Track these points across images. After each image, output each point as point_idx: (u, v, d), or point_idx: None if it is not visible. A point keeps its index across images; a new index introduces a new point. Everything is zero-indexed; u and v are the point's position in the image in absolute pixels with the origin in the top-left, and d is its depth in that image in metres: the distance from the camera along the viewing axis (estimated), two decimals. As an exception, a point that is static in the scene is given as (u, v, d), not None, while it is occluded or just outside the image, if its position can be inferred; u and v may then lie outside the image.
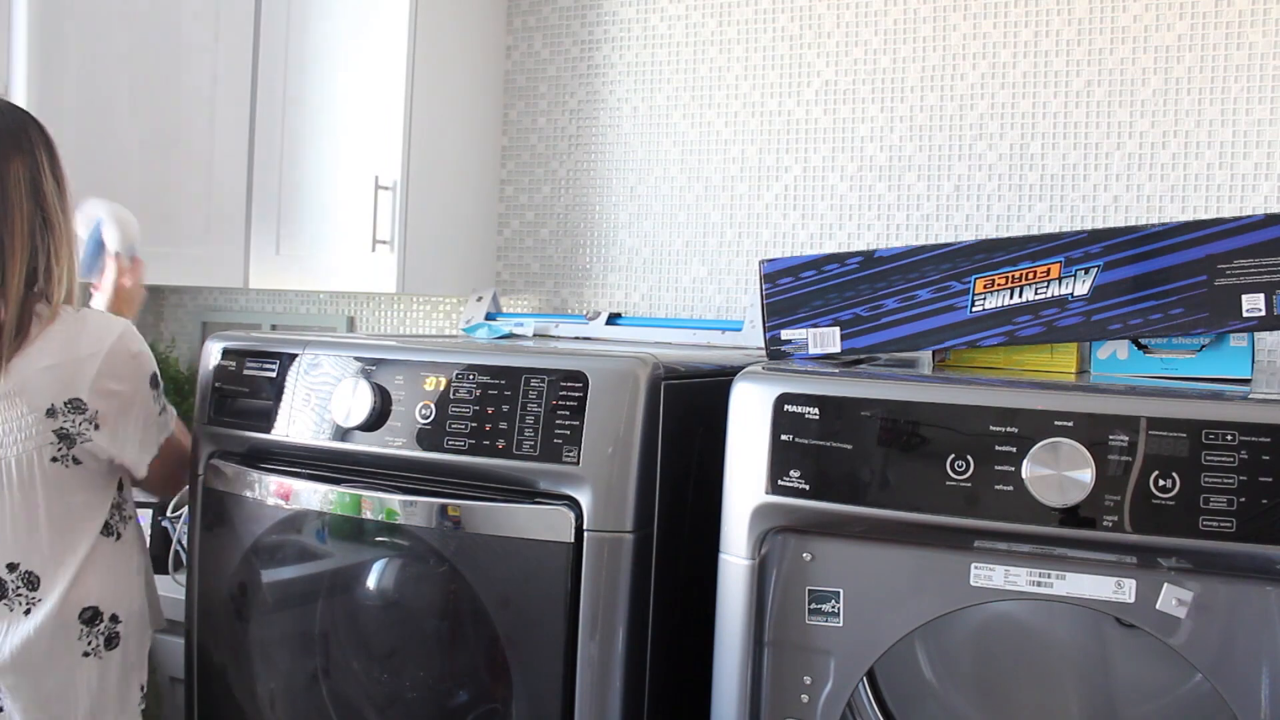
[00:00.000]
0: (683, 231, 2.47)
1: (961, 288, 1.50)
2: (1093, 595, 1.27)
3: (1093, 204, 2.11)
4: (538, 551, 1.53)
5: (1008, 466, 1.27)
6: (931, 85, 2.24)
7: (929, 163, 2.24)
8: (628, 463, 1.51)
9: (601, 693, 1.52)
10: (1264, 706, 1.21)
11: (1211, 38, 2.03)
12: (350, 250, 2.37)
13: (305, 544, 1.75)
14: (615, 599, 1.51)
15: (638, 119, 2.51)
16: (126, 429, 1.71)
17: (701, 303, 2.45)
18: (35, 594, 1.65)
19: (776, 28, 2.37)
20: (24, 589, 1.64)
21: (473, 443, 1.58)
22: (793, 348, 1.58)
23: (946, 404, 1.32)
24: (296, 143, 2.45)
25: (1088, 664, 1.52)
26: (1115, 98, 2.09)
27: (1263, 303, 1.37)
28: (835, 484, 1.35)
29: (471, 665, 1.67)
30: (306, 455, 1.72)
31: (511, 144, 2.65)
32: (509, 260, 2.66)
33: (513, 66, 2.65)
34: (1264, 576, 1.20)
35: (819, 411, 1.37)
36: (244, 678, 1.80)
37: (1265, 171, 1.99)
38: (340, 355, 1.71)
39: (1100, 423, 1.24)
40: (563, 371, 1.54)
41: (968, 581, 1.31)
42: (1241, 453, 1.19)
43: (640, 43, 2.51)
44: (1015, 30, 2.17)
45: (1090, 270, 1.44)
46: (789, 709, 1.41)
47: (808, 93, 2.34)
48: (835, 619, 1.38)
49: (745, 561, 1.41)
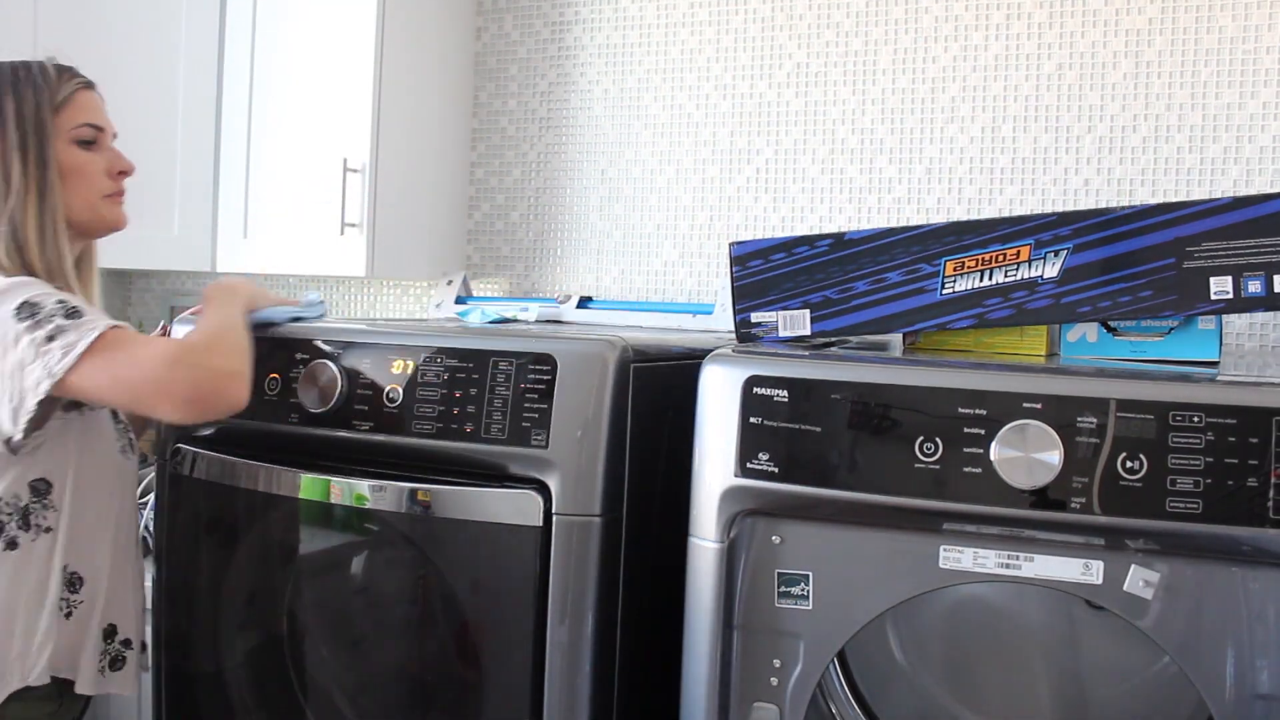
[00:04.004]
0: (654, 215, 2.46)
1: (932, 270, 1.50)
2: (1061, 577, 1.27)
3: (1064, 187, 2.11)
4: (506, 536, 1.53)
5: (976, 449, 1.27)
6: (903, 68, 2.23)
7: (900, 146, 2.24)
8: (596, 446, 1.50)
9: (571, 677, 1.51)
10: (1229, 687, 1.22)
11: (1182, 21, 2.03)
12: (319, 233, 2.35)
13: (273, 530, 1.74)
14: (584, 583, 1.50)
15: (609, 101, 2.50)
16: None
17: (673, 286, 2.44)
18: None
19: (748, 9, 2.36)
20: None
21: (440, 426, 1.57)
22: (763, 330, 1.58)
23: (915, 386, 1.32)
24: (264, 124, 2.43)
25: (1057, 646, 1.52)
26: (1086, 81, 2.09)
27: (1230, 285, 1.38)
28: (804, 467, 1.35)
29: (441, 650, 1.66)
30: (274, 440, 1.71)
31: (482, 126, 2.63)
32: (479, 243, 2.64)
33: (483, 48, 2.63)
34: (1230, 558, 1.21)
35: (788, 394, 1.36)
36: (212, 665, 1.78)
37: (1234, 155, 2.00)
38: (307, 338, 1.70)
39: (1068, 405, 1.24)
40: (531, 354, 1.54)
41: (937, 564, 1.32)
42: (1208, 434, 1.19)
43: (611, 24, 2.49)
44: (987, 13, 2.17)
45: (1060, 253, 1.44)
46: (759, 692, 1.41)
47: (779, 75, 2.34)
48: (804, 602, 1.38)
49: (714, 545, 1.40)
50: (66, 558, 1.55)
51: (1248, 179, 1.99)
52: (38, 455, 1.52)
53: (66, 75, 1.60)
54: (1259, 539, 1.18)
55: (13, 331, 1.42)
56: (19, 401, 1.43)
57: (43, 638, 1.53)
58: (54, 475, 1.54)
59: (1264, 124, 1.98)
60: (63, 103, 1.57)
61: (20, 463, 1.51)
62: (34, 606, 1.53)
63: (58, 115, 1.57)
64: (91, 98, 1.62)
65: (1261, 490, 1.16)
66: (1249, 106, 1.98)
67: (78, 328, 1.42)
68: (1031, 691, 1.55)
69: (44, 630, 1.53)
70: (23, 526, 1.52)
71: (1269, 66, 1.97)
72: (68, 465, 1.55)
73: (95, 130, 1.61)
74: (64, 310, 1.44)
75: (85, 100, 1.61)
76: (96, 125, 1.61)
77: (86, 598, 1.58)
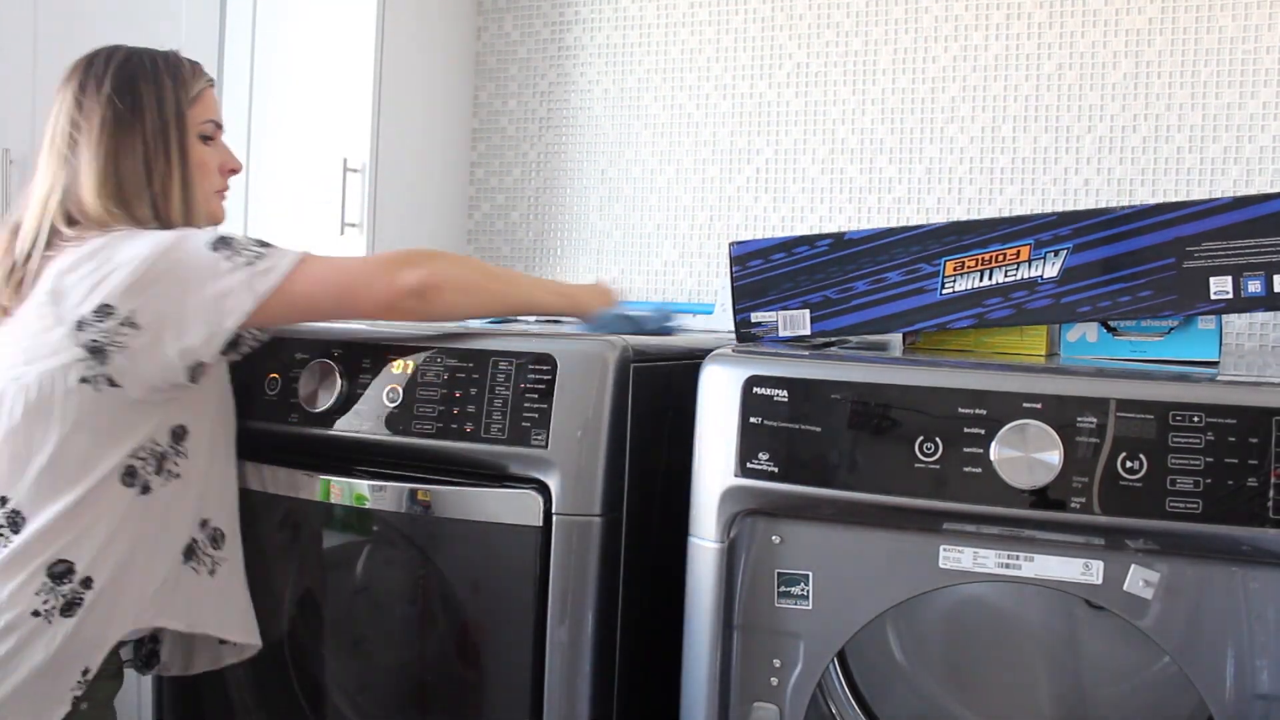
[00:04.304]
0: (654, 214, 2.46)
1: (931, 270, 1.49)
2: (1061, 577, 1.27)
3: (1063, 187, 2.11)
4: (507, 535, 1.52)
5: (976, 449, 1.27)
6: (903, 68, 2.23)
7: (900, 145, 2.24)
8: (596, 446, 1.50)
9: (571, 677, 1.51)
10: (1229, 687, 1.22)
11: (1182, 21, 2.03)
12: (319, 233, 2.35)
13: (273, 530, 1.73)
14: (584, 583, 1.50)
15: (609, 101, 2.50)
16: (183, 314, 1.44)
17: (673, 286, 2.44)
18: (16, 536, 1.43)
19: (748, 9, 2.36)
20: (6, 529, 1.43)
21: (440, 426, 1.56)
22: (762, 330, 1.58)
23: (915, 386, 1.31)
24: (264, 124, 2.43)
25: (1057, 646, 1.52)
26: (1086, 81, 2.09)
27: (1230, 285, 1.38)
28: (804, 466, 1.35)
29: (441, 650, 1.66)
30: (274, 440, 1.71)
31: (482, 126, 2.63)
32: (479, 243, 2.64)
33: (483, 48, 2.63)
34: (1230, 558, 1.21)
35: (788, 394, 1.36)
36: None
37: (1234, 155, 2.00)
38: (306, 338, 1.69)
39: (1068, 404, 1.24)
40: (531, 354, 1.53)
41: (936, 564, 1.31)
42: (1208, 434, 1.19)
43: (611, 24, 2.49)
44: (987, 13, 2.17)
45: (1060, 253, 1.44)
46: (758, 692, 1.41)
47: (779, 75, 2.34)
48: (804, 602, 1.38)
49: (714, 545, 1.40)
50: (205, 510, 1.56)
51: (1248, 179, 1.99)
52: (181, 400, 1.51)
53: (199, 70, 1.64)
54: (1259, 539, 1.18)
55: (209, 260, 1.45)
56: (217, 324, 1.45)
57: (163, 584, 1.51)
58: (190, 422, 1.53)
59: (1264, 124, 1.98)
60: (195, 97, 1.61)
61: (165, 409, 1.50)
62: (162, 553, 1.51)
63: (191, 109, 1.60)
64: (213, 95, 1.66)
65: (1261, 490, 1.16)
66: (1249, 106, 1.98)
67: (274, 254, 1.48)
68: (1031, 691, 1.55)
69: (166, 577, 1.51)
70: (156, 471, 1.50)
71: (1269, 66, 1.97)
72: (203, 413, 1.55)
73: (215, 127, 1.64)
74: (258, 243, 1.50)
75: (210, 97, 1.64)
76: (218, 122, 1.65)
77: (229, 555, 1.59)
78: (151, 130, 1.55)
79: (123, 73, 1.56)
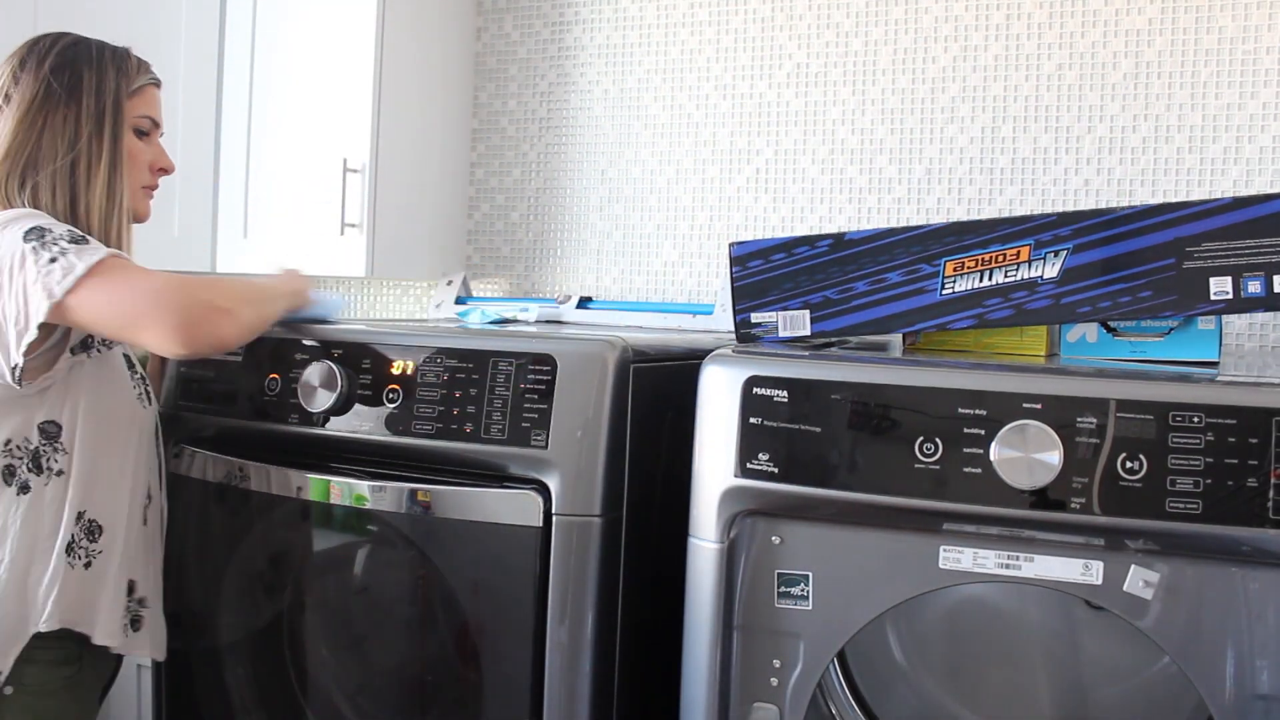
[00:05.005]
0: (654, 215, 2.46)
1: (931, 270, 1.49)
2: (1061, 577, 1.27)
3: (1063, 187, 2.11)
4: (506, 536, 1.53)
5: (976, 449, 1.27)
6: (903, 68, 2.23)
7: (900, 146, 2.24)
8: (596, 446, 1.50)
9: (571, 677, 1.51)
10: (1229, 687, 1.22)
11: (1182, 22, 2.03)
12: (319, 233, 2.35)
13: (273, 530, 1.73)
14: (584, 583, 1.50)
15: (609, 101, 2.50)
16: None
17: (673, 286, 2.44)
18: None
19: (748, 9, 2.36)
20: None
21: (440, 426, 1.56)
22: (762, 331, 1.58)
23: (915, 387, 1.31)
24: (264, 124, 2.42)
25: (1057, 646, 1.52)
26: (1086, 81, 2.09)
27: (1230, 285, 1.38)
28: (804, 467, 1.35)
29: (441, 650, 1.66)
30: (274, 440, 1.71)
31: (482, 126, 2.63)
32: (479, 244, 2.64)
33: (483, 48, 2.63)
34: (1230, 558, 1.21)
35: (788, 394, 1.36)
36: (212, 664, 1.78)
37: (1234, 155, 2.00)
38: (307, 339, 1.70)
39: (1068, 405, 1.24)
40: (531, 354, 1.53)
41: (936, 564, 1.31)
42: (1208, 435, 1.19)
43: (611, 24, 2.49)
44: (987, 13, 2.17)
45: (1060, 253, 1.44)
46: (758, 692, 1.41)
47: (779, 75, 2.33)
48: (804, 602, 1.38)
49: (714, 545, 1.40)
50: (83, 504, 1.55)
51: (1248, 179, 1.99)
52: (46, 397, 1.52)
53: (145, 67, 1.67)
54: (1259, 539, 1.18)
55: (19, 252, 1.44)
56: (24, 324, 1.44)
57: (50, 582, 1.52)
58: (62, 418, 1.54)
59: (1264, 124, 1.98)
60: (136, 91, 1.64)
61: (28, 405, 1.51)
62: (46, 551, 1.53)
63: (130, 100, 1.63)
64: (157, 95, 1.69)
65: (1261, 490, 1.16)
66: (1249, 107, 1.98)
67: (79, 252, 1.44)
68: (1031, 692, 1.55)
69: (51, 574, 1.52)
70: (34, 469, 1.52)
71: (1269, 66, 1.97)
72: (77, 409, 1.55)
73: (152, 124, 1.67)
74: (70, 236, 1.47)
75: (153, 95, 1.68)
76: (155, 120, 1.67)
77: (105, 547, 1.57)
78: (87, 112, 1.58)
79: (66, 54, 1.60)
